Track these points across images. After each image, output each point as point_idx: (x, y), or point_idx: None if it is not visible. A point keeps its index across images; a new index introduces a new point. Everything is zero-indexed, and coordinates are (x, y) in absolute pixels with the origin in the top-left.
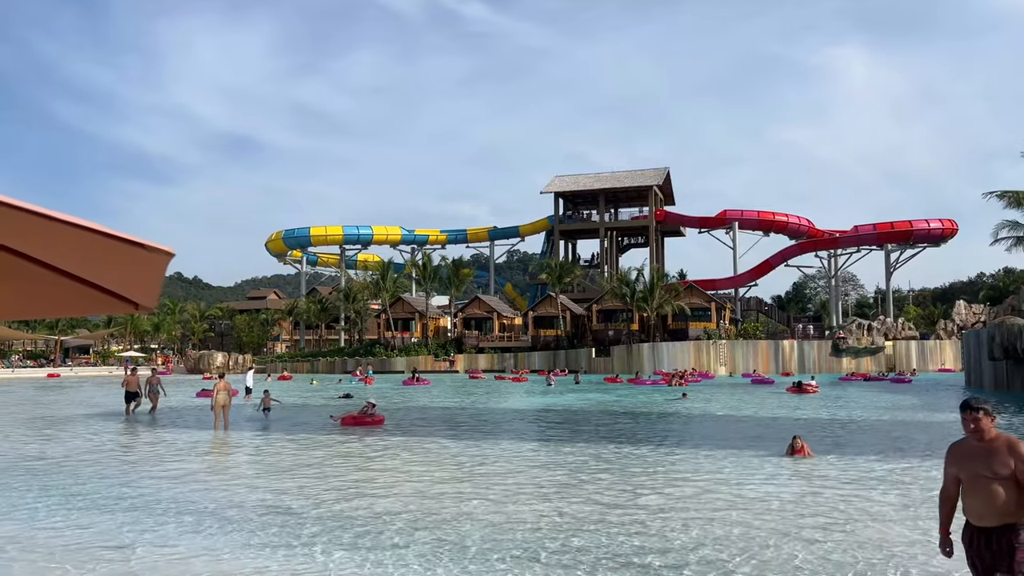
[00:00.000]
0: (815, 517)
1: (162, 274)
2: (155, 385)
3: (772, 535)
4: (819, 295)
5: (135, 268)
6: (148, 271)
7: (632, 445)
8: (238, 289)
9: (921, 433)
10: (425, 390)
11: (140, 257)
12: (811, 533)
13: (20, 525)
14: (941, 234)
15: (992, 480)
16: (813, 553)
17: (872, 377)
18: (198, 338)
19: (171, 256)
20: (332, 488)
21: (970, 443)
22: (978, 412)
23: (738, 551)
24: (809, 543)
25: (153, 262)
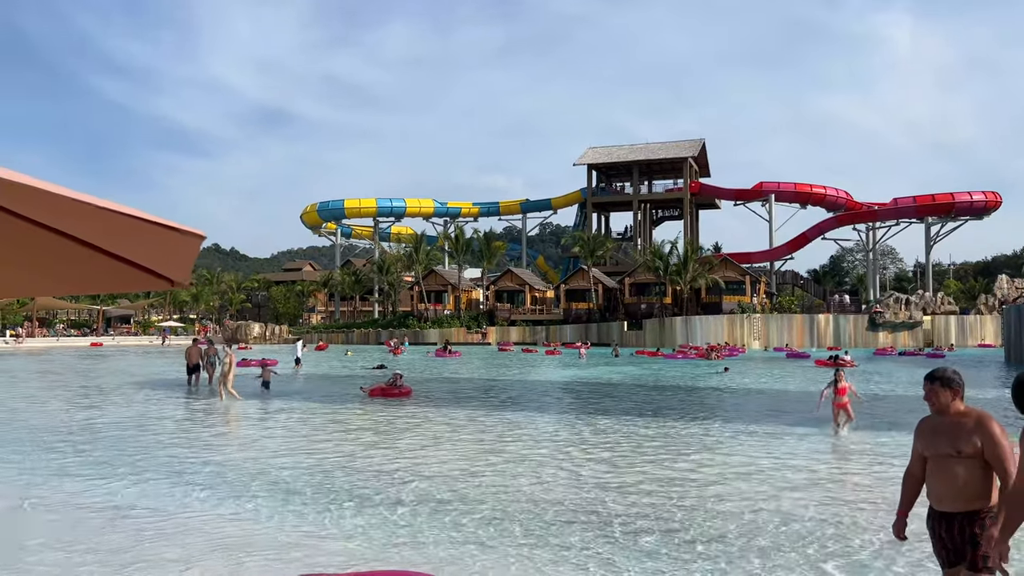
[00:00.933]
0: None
1: (195, 254)
2: (212, 356)
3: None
4: (856, 269)
5: (169, 249)
6: (181, 251)
7: (682, 420)
8: (274, 260)
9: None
10: (456, 362)
11: (174, 239)
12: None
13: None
14: (984, 207)
15: (954, 459)
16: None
17: (908, 352)
18: (235, 308)
19: (202, 238)
20: (356, 458)
21: (937, 418)
22: (934, 383)
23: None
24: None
25: (186, 244)
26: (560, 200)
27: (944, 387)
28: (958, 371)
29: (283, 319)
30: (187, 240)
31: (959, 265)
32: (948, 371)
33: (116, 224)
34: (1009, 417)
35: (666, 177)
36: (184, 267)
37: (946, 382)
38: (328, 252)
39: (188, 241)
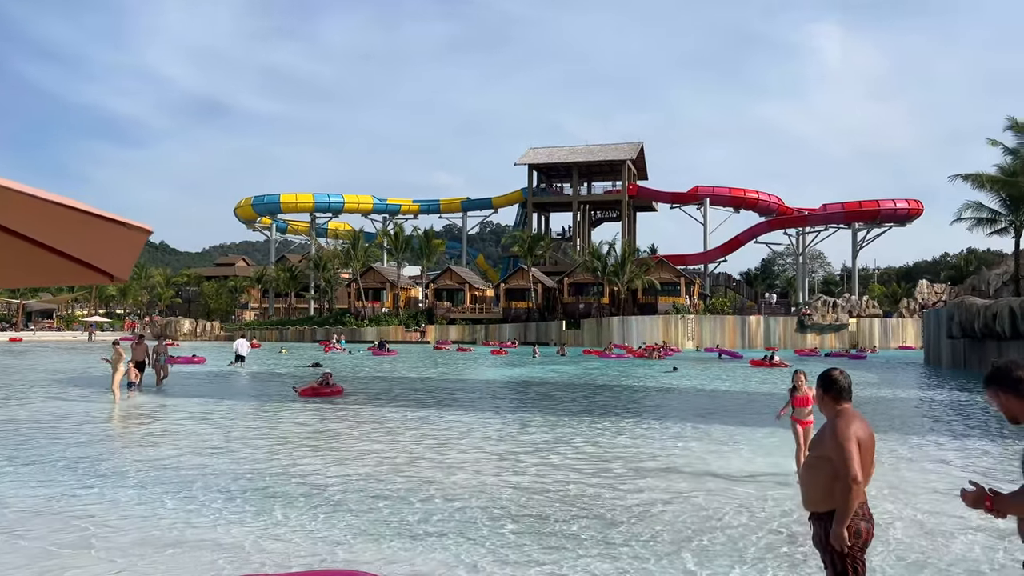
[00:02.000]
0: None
1: (138, 250)
2: (162, 354)
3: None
4: (786, 272)
5: (113, 243)
6: (124, 246)
7: (633, 418)
8: (206, 255)
9: (895, 408)
10: (392, 360)
11: (118, 233)
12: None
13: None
14: (907, 214)
15: (812, 458)
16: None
17: (833, 353)
18: (165, 304)
19: (149, 233)
20: (289, 457)
21: None
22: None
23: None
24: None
25: (131, 238)
26: (501, 199)
27: (809, 384)
28: (842, 370)
29: (215, 315)
30: (131, 235)
31: (883, 270)
32: (843, 375)
33: (56, 216)
34: (924, 411)
35: (605, 179)
36: (126, 262)
37: (824, 381)
38: (262, 247)
39: (132, 236)
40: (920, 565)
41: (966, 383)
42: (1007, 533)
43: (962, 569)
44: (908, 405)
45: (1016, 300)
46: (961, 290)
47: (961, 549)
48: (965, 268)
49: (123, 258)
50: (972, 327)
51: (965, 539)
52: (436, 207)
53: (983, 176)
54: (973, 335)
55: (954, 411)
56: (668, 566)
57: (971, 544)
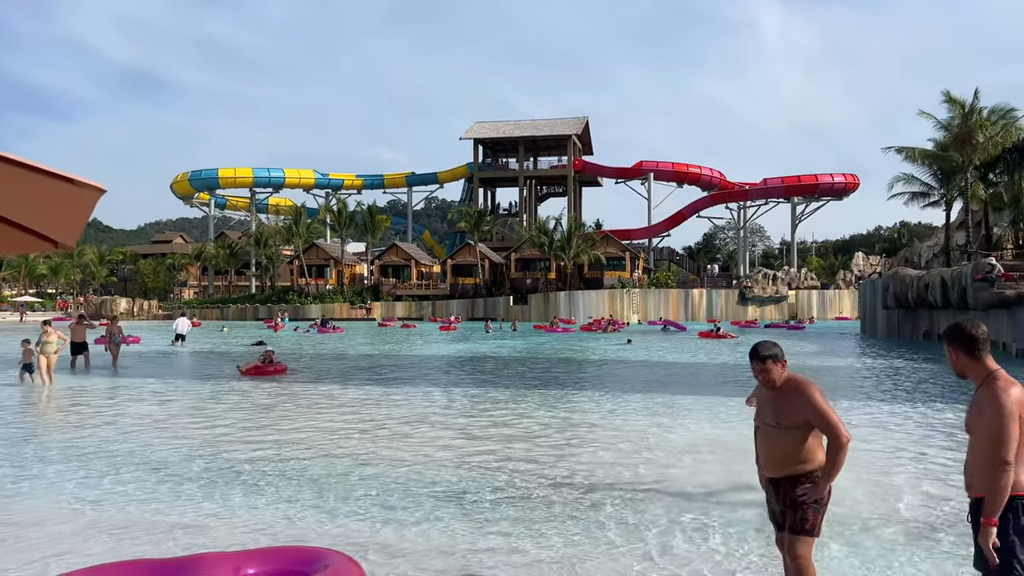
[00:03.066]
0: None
1: (90, 212)
2: (116, 335)
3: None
4: (728, 246)
5: (60, 205)
6: (74, 208)
7: (588, 391)
8: (142, 232)
9: (836, 376)
10: (337, 338)
11: (67, 193)
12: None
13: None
14: (844, 188)
15: (776, 428)
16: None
17: (773, 324)
18: (99, 283)
19: (102, 192)
20: (233, 437)
21: (763, 390)
22: (765, 362)
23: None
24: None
25: (81, 199)
26: (446, 174)
27: (776, 362)
28: (776, 342)
29: (152, 294)
30: (81, 194)
31: (820, 243)
32: (773, 346)
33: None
34: (857, 381)
35: (551, 154)
36: (74, 227)
37: (779, 358)
38: (200, 224)
39: (82, 195)
40: (880, 524)
41: (901, 351)
42: (955, 489)
43: (921, 524)
44: (847, 373)
45: (947, 271)
46: (895, 262)
47: (914, 506)
48: (898, 240)
49: (70, 221)
50: (906, 297)
51: (914, 497)
52: (380, 182)
53: (916, 150)
54: (907, 305)
55: (889, 378)
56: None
57: (923, 501)
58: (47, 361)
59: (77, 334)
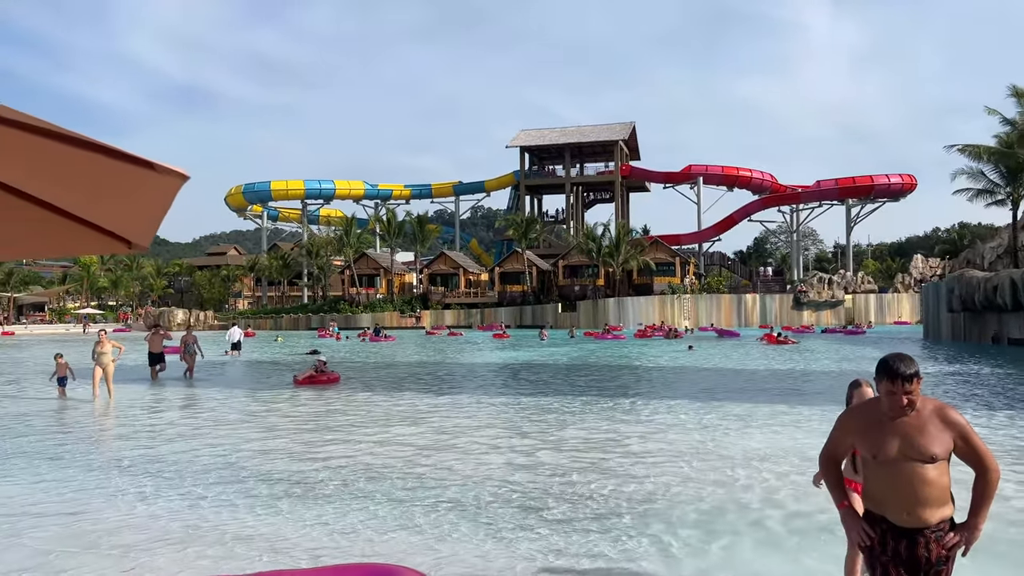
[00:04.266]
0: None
1: (168, 205)
2: (191, 344)
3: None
4: (779, 250)
5: (136, 196)
6: (152, 200)
7: (658, 399)
8: (196, 245)
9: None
10: (389, 346)
11: (145, 182)
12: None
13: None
14: (901, 188)
15: (927, 464)
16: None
17: (829, 329)
18: (157, 295)
19: (185, 179)
20: (288, 449)
21: (879, 410)
22: (912, 381)
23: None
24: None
25: (161, 188)
26: (493, 183)
27: (920, 380)
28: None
29: (208, 305)
30: (162, 183)
31: (876, 246)
32: (914, 361)
33: (56, 157)
34: (927, 389)
35: (597, 160)
36: (150, 223)
37: (919, 375)
38: (253, 236)
39: (163, 185)
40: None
41: (969, 356)
42: None
43: None
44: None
45: (1017, 272)
46: (956, 264)
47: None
48: (959, 242)
49: (146, 217)
50: (972, 300)
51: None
52: (428, 191)
53: (980, 148)
54: (973, 308)
55: (964, 384)
56: (693, 548)
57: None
58: (103, 371)
59: (154, 344)
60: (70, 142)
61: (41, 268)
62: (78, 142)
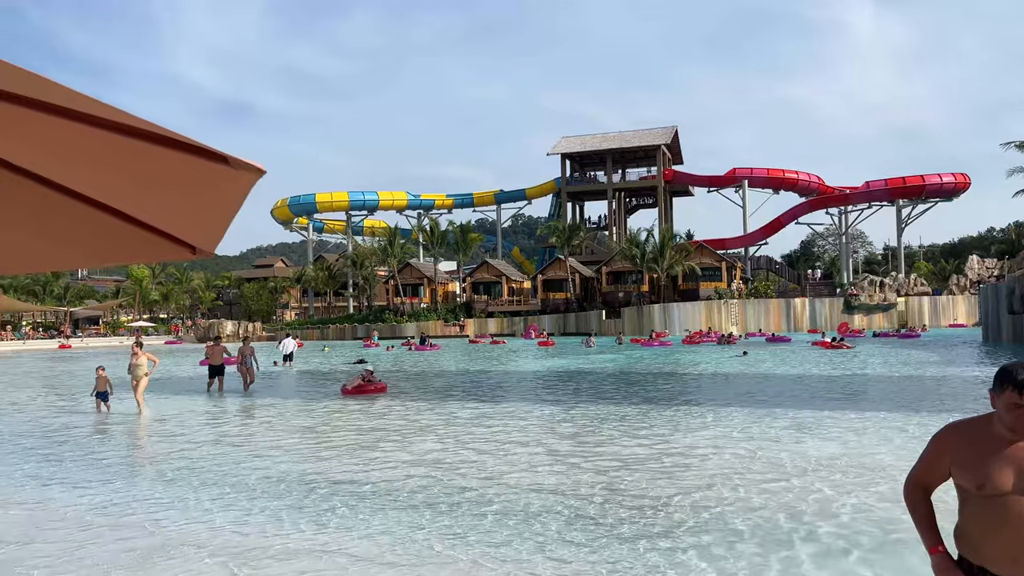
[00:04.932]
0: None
1: (240, 203)
2: (248, 357)
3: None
4: (827, 253)
5: (204, 195)
6: (223, 199)
7: (731, 407)
8: (244, 258)
9: (981, 391)
10: (434, 355)
11: (216, 179)
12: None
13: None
14: (954, 188)
15: None
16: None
17: (881, 333)
18: (207, 307)
19: (261, 175)
20: (334, 459)
21: (998, 431)
22: None
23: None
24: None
25: (233, 186)
26: (535, 190)
27: None
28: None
29: (256, 316)
30: (236, 179)
31: (928, 247)
32: None
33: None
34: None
35: (640, 165)
36: (218, 225)
37: None
38: (299, 248)
39: (237, 181)
40: None
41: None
42: None
43: None
44: (985, 385)
45: None
46: (1015, 264)
47: None
48: (1017, 241)
49: (215, 218)
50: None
51: None
52: (470, 201)
53: None
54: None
55: None
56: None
57: None
58: (137, 384)
59: (214, 356)
60: (127, 131)
61: (95, 282)
62: (137, 131)
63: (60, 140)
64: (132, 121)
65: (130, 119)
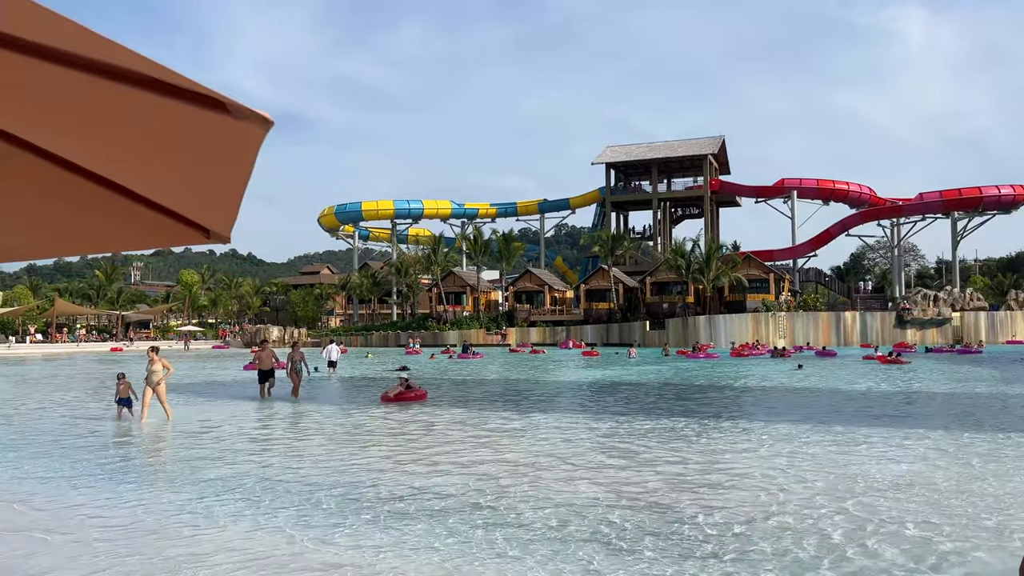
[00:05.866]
0: None
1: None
2: (298, 363)
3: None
4: (878, 266)
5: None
6: (230, 158)
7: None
8: (291, 265)
9: None
10: (479, 363)
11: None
12: None
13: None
14: (1013, 200)
15: None
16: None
17: (936, 349)
18: (254, 313)
19: (269, 126)
20: (377, 467)
21: None
22: None
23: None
24: None
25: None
26: (578, 200)
27: None
28: None
29: (302, 322)
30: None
31: (983, 261)
32: None
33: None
34: None
35: (686, 175)
36: (228, 197)
37: None
38: (345, 256)
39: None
40: None
41: None
42: None
43: None
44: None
45: None
46: None
47: None
48: None
49: (223, 187)
50: None
51: None
52: (513, 210)
53: None
54: None
55: None
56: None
57: None
58: (151, 392)
59: (264, 361)
60: (89, 66)
61: (147, 287)
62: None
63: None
64: (89, 42)
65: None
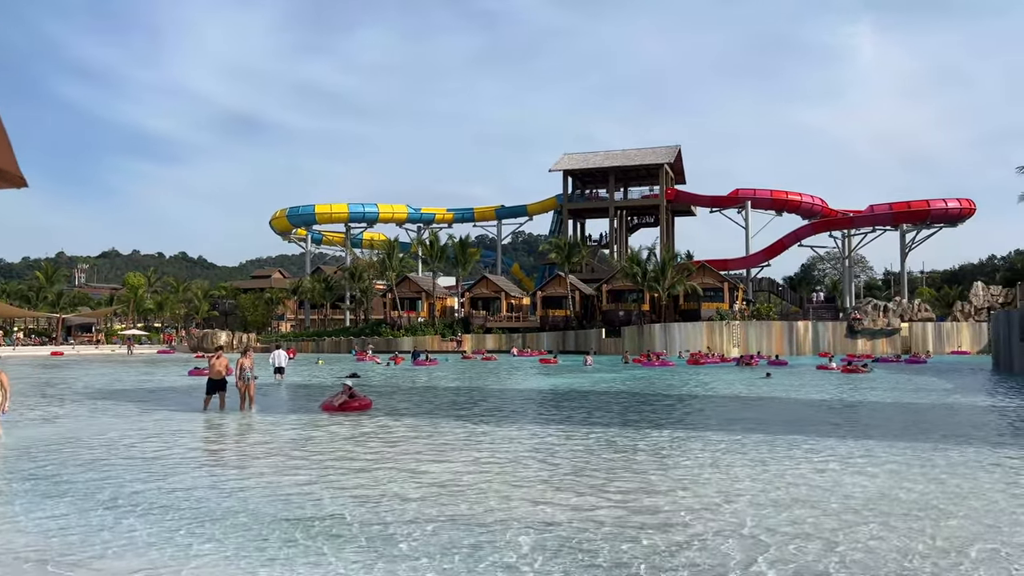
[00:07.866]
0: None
1: None
2: (247, 371)
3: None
4: (828, 276)
5: None
6: None
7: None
8: (243, 269)
9: (1010, 419)
10: (431, 370)
11: None
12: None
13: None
14: (959, 214)
15: None
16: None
17: (883, 359)
18: (201, 317)
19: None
20: (305, 484)
21: None
22: None
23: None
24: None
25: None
26: (536, 206)
27: None
28: None
29: (251, 327)
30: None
31: (928, 273)
32: None
33: None
34: (1017, 425)
35: (642, 184)
36: None
37: None
38: (298, 260)
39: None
40: None
41: None
42: None
43: None
44: (998, 414)
45: None
46: (1021, 291)
47: None
48: (1021, 269)
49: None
50: None
51: None
52: (471, 215)
53: None
54: None
55: None
56: None
57: None
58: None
59: (216, 370)
60: None
61: (91, 289)
62: None
63: None
64: None
65: None
